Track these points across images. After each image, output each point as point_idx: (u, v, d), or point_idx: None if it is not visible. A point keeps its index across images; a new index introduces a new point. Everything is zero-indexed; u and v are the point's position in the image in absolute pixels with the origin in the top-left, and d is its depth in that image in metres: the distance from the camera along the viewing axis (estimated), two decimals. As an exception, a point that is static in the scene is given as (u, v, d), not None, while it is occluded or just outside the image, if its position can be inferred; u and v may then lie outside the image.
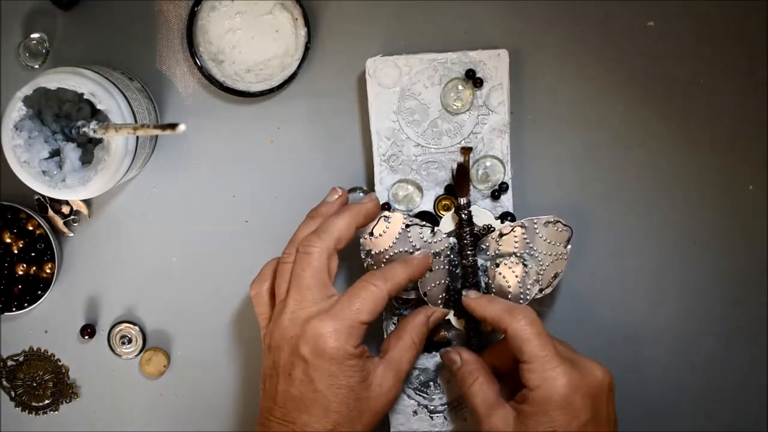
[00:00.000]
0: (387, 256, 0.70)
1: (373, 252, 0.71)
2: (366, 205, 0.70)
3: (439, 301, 0.72)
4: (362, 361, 0.66)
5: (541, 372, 0.64)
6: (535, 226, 0.71)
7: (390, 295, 0.67)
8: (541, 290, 0.71)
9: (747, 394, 0.78)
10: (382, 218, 0.70)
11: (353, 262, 0.76)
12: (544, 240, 0.71)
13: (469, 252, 0.71)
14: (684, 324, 0.77)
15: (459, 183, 0.72)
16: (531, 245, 0.71)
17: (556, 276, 0.72)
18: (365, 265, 0.71)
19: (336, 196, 0.71)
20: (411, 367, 0.69)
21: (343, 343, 0.65)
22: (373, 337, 0.77)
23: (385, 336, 0.75)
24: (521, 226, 0.71)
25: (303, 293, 0.66)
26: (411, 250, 0.70)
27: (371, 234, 0.70)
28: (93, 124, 0.65)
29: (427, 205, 0.74)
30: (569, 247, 0.71)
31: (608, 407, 0.66)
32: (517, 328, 0.65)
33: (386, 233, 0.70)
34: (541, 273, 0.71)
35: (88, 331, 0.76)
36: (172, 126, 0.59)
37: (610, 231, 0.77)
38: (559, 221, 0.71)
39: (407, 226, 0.70)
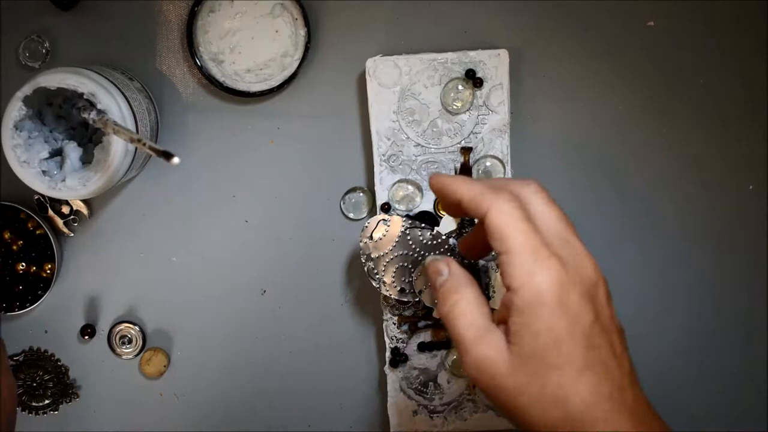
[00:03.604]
0: (387, 260, 0.70)
1: (373, 256, 0.71)
2: None
3: (436, 300, 0.71)
4: None
5: (525, 266, 0.51)
6: (535, 225, 0.71)
7: None
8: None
9: (747, 397, 0.78)
10: (381, 221, 0.70)
11: (354, 266, 0.76)
12: (544, 238, 0.71)
13: (469, 252, 0.71)
14: (684, 323, 0.77)
15: (461, 183, 0.72)
16: (531, 244, 0.71)
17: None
18: (366, 269, 0.71)
19: None
20: None
21: None
22: (373, 336, 0.78)
23: (385, 336, 0.75)
24: (521, 226, 0.71)
25: None
26: (411, 253, 0.70)
27: (371, 238, 0.70)
28: (94, 114, 0.65)
29: (427, 205, 0.74)
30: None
31: (609, 308, 0.54)
32: (501, 211, 0.52)
33: (386, 236, 0.70)
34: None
35: (88, 331, 0.76)
36: (167, 156, 0.58)
37: (610, 231, 0.77)
38: (558, 218, 0.71)
39: (407, 228, 0.70)
